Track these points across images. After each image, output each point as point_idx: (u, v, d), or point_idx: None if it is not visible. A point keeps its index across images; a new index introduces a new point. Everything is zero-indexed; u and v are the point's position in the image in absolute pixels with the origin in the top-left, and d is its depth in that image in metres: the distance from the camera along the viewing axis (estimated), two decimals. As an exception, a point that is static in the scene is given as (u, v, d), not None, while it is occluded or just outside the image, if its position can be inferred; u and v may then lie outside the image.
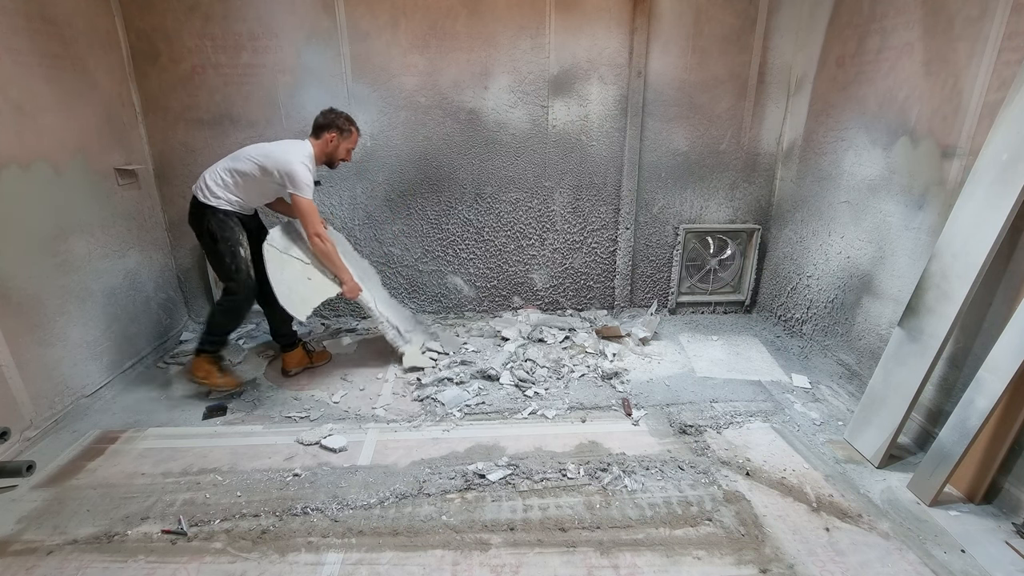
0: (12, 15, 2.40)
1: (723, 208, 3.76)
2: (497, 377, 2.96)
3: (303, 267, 2.81)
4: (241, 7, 3.13)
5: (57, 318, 2.59)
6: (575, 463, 2.27)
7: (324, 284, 2.84)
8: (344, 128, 2.75)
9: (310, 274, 2.82)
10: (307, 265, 2.83)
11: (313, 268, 2.84)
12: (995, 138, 1.96)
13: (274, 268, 2.69)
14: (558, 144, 3.56)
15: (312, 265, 2.85)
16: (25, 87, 2.45)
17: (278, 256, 2.74)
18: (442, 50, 3.31)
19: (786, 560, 1.78)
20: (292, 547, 1.85)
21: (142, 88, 3.24)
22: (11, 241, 2.36)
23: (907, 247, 2.53)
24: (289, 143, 2.72)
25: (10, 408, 2.33)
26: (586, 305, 3.96)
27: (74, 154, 2.74)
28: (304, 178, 2.61)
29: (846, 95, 2.94)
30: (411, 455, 2.34)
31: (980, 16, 2.13)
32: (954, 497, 2.07)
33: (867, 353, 2.80)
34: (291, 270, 2.76)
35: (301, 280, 2.78)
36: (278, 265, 2.71)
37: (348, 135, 2.77)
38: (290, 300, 2.66)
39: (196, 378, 2.77)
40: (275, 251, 2.75)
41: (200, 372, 2.75)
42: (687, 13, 3.32)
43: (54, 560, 1.80)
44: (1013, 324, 1.85)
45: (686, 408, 2.72)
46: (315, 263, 2.86)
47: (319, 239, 2.73)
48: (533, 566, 1.76)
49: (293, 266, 2.79)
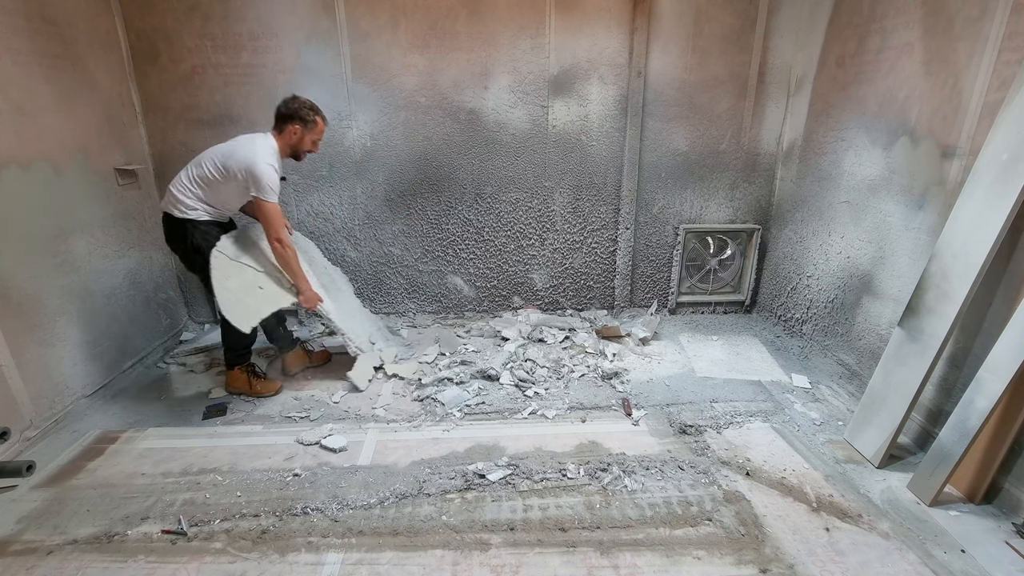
0: (12, 15, 2.40)
1: (723, 208, 3.76)
2: (497, 377, 2.96)
3: (255, 275, 2.68)
4: (241, 7, 3.13)
5: (57, 318, 2.59)
6: (575, 463, 2.27)
7: (277, 294, 2.70)
8: (308, 119, 2.59)
9: (262, 283, 2.68)
10: (259, 273, 2.70)
11: (266, 277, 2.71)
12: (995, 138, 1.96)
13: (220, 276, 2.54)
14: (558, 144, 3.56)
15: (265, 273, 2.72)
16: (25, 87, 2.45)
17: (226, 263, 2.60)
18: (442, 50, 3.31)
19: (786, 560, 1.78)
20: (292, 547, 1.85)
21: (142, 88, 3.25)
22: (11, 241, 2.36)
23: (907, 247, 2.53)
24: (250, 139, 2.57)
25: (10, 408, 2.33)
26: (586, 305, 3.96)
27: (74, 154, 2.74)
28: (268, 180, 2.48)
29: (846, 95, 2.94)
30: (411, 455, 2.34)
31: (980, 16, 2.13)
32: (954, 497, 2.07)
33: (867, 353, 2.79)
34: (240, 279, 2.62)
35: (250, 289, 2.63)
36: (225, 273, 2.57)
37: (313, 126, 2.61)
38: (234, 309, 2.53)
39: (235, 390, 2.83)
40: (224, 258, 2.60)
41: (238, 384, 2.82)
42: (687, 13, 3.32)
43: (54, 560, 1.80)
44: (1013, 324, 1.85)
45: (686, 408, 2.72)
46: (269, 271, 2.73)
47: (280, 245, 2.60)
48: (533, 566, 1.76)
49: (244, 274, 2.64)
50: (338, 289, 3.23)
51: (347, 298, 3.28)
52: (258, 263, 2.72)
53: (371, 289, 3.80)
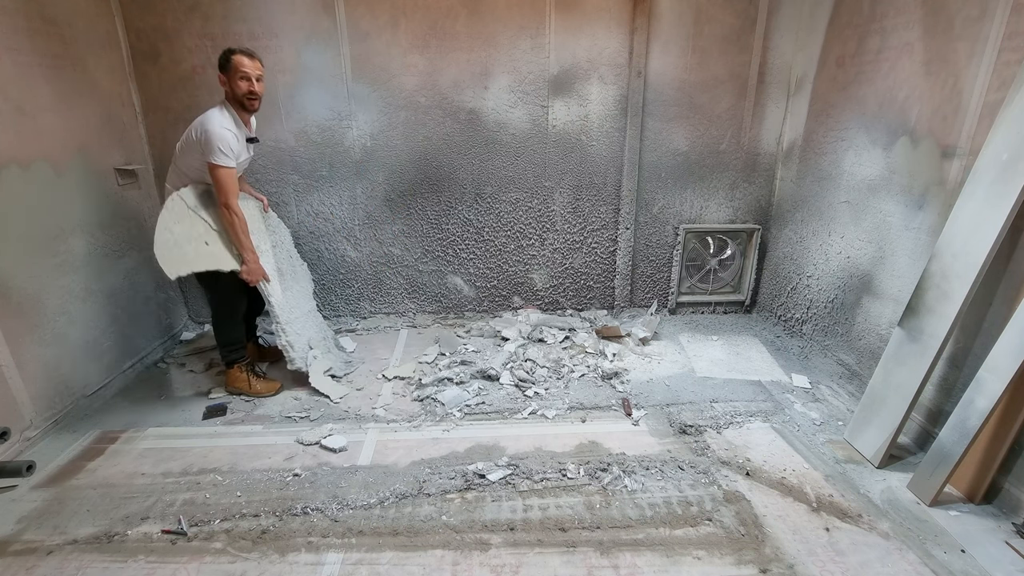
0: (12, 15, 2.40)
1: (723, 208, 3.76)
2: (497, 377, 2.96)
3: (206, 230, 2.61)
4: (241, 7, 3.13)
5: (57, 318, 2.59)
6: (575, 463, 2.27)
7: (221, 255, 2.61)
8: (225, 63, 2.48)
9: (210, 239, 2.61)
10: (212, 231, 2.62)
11: (218, 235, 2.64)
12: (995, 138, 1.96)
13: (168, 217, 2.51)
14: (558, 144, 3.56)
15: (219, 232, 2.64)
16: (25, 87, 2.45)
17: (183, 208, 2.56)
18: (442, 50, 3.31)
19: (786, 560, 1.78)
20: (292, 547, 1.85)
21: (142, 88, 3.24)
22: (11, 241, 2.36)
23: (907, 247, 2.53)
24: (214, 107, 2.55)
25: (10, 408, 2.33)
26: (586, 305, 3.96)
27: (74, 154, 2.74)
28: (219, 141, 2.41)
29: (846, 95, 2.94)
30: (411, 455, 2.34)
31: (980, 16, 2.13)
32: (954, 497, 2.07)
33: (867, 353, 2.80)
34: (188, 226, 2.56)
35: (195, 240, 2.57)
36: (175, 216, 2.53)
37: (228, 66, 2.47)
38: (168, 252, 2.48)
39: (235, 389, 2.83)
40: (181, 203, 2.56)
41: (238, 383, 2.83)
42: (687, 13, 3.32)
43: (54, 560, 1.80)
44: (1013, 324, 1.85)
45: (686, 408, 2.71)
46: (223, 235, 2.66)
47: (227, 210, 2.53)
48: (533, 566, 1.76)
49: (196, 225, 2.58)
50: (296, 282, 3.11)
51: (303, 296, 3.15)
52: (216, 221, 2.65)
53: (371, 289, 3.80)
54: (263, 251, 2.81)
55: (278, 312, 2.81)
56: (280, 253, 3.01)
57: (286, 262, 3.05)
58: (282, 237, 3.12)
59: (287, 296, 2.94)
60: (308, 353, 2.95)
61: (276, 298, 2.81)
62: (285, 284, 2.94)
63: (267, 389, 2.84)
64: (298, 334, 2.93)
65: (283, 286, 2.91)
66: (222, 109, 2.54)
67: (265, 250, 2.85)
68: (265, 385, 2.86)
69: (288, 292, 2.97)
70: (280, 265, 2.96)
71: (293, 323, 2.92)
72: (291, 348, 2.85)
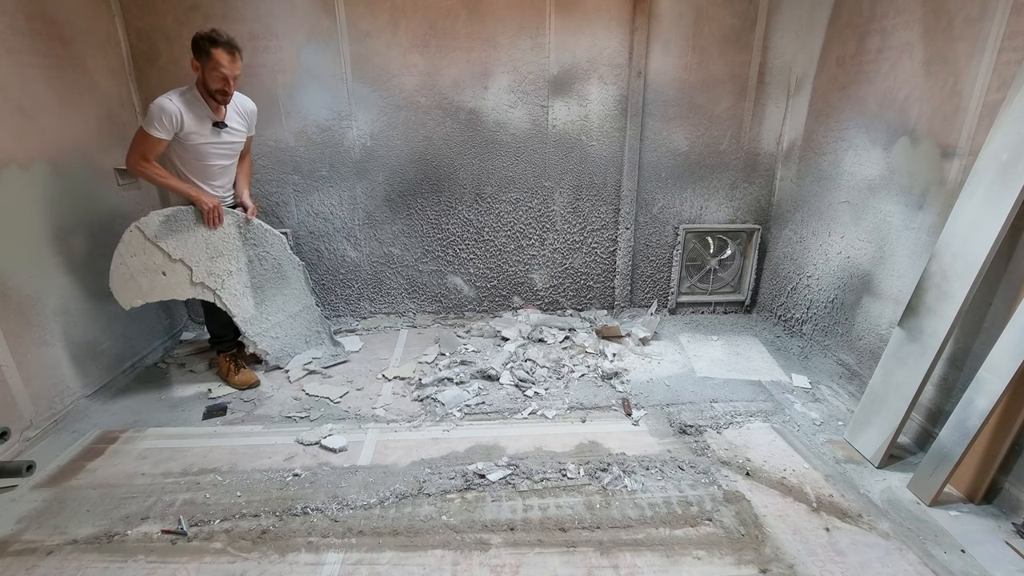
0: (12, 15, 2.40)
1: (723, 208, 3.76)
2: (497, 377, 2.96)
3: (164, 261, 2.65)
4: (241, 7, 3.13)
5: (57, 318, 2.59)
6: (575, 463, 2.27)
7: (177, 285, 2.70)
8: (202, 50, 2.38)
9: (168, 270, 2.67)
10: (172, 262, 2.66)
11: (177, 266, 2.68)
12: (995, 138, 1.96)
13: (124, 250, 2.56)
14: (558, 144, 3.56)
15: (180, 263, 2.68)
16: (25, 87, 2.45)
17: (140, 241, 2.59)
18: (442, 50, 3.31)
19: (786, 560, 1.78)
20: (292, 547, 1.85)
21: (142, 88, 3.24)
22: (11, 241, 2.36)
23: (907, 247, 2.53)
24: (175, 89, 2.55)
25: (10, 408, 2.33)
26: (586, 305, 3.96)
27: (74, 154, 2.74)
28: (154, 109, 2.37)
29: (846, 95, 2.94)
30: (411, 455, 2.34)
31: (980, 16, 2.13)
32: (954, 497, 2.07)
33: (867, 353, 2.79)
34: (146, 258, 2.61)
35: (150, 271, 2.63)
36: (132, 249, 2.57)
37: (207, 59, 2.38)
38: (123, 285, 2.57)
39: (221, 374, 3.02)
40: (139, 235, 2.58)
41: (223, 369, 3.01)
42: (687, 13, 3.32)
43: (54, 560, 1.80)
44: (1013, 324, 1.85)
45: (686, 408, 2.71)
46: (186, 258, 2.69)
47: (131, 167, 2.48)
48: (533, 566, 1.76)
49: (152, 256, 2.62)
50: (280, 290, 3.09)
51: (291, 299, 3.14)
52: (175, 250, 2.67)
53: (371, 289, 3.80)
54: (232, 272, 2.85)
55: (245, 327, 2.94)
56: (259, 267, 2.98)
57: (269, 273, 3.03)
58: (266, 248, 3.02)
59: (267, 306, 3.05)
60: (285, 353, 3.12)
61: (243, 314, 2.92)
62: (265, 295, 3.02)
63: (242, 382, 2.94)
64: (275, 338, 3.09)
65: (261, 298, 3.00)
66: (185, 92, 2.49)
67: (236, 269, 2.87)
68: (241, 377, 2.95)
69: (269, 302, 3.05)
70: (258, 280, 2.98)
71: (271, 330, 3.07)
72: (266, 353, 3.04)
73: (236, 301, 2.88)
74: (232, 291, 2.86)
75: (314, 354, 3.20)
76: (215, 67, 2.40)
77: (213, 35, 2.38)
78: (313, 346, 3.24)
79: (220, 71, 2.42)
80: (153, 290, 2.67)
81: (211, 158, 2.65)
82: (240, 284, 2.89)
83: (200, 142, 2.56)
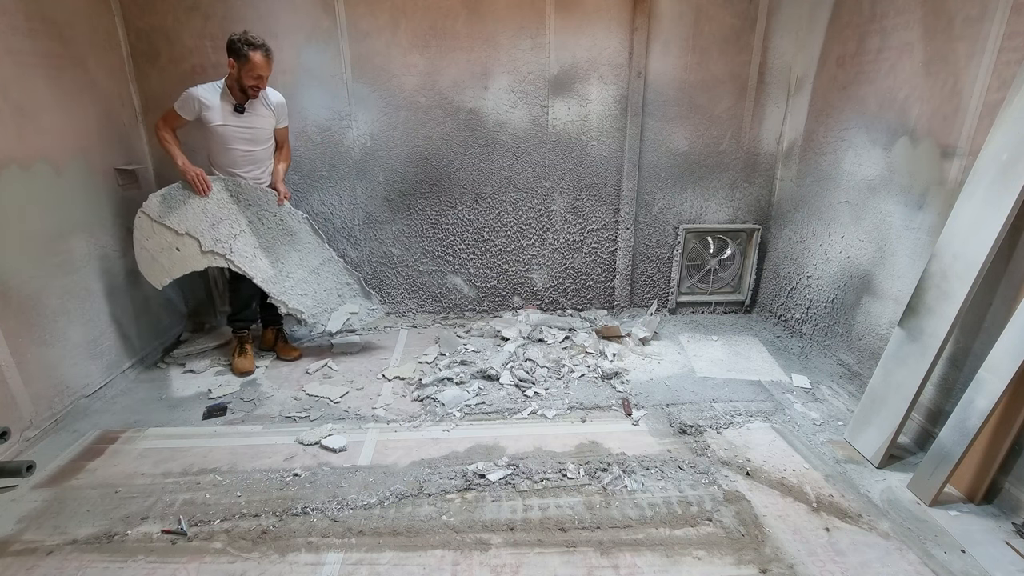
0: (12, 15, 2.40)
1: (723, 208, 3.76)
2: (497, 377, 2.96)
3: (174, 237, 2.84)
4: (241, 7, 3.13)
5: (57, 318, 2.59)
6: (575, 463, 2.27)
7: (192, 256, 2.87)
8: (241, 52, 2.61)
9: (180, 245, 2.84)
10: (180, 236, 2.84)
11: (186, 239, 2.84)
12: (995, 138, 1.96)
13: (140, 235, 2.80)
14: (558, 144, 3.56)
15: (186, 235, 2.84)
16: (25, 87, 2.45)
17: (148, 224, 2.81)
18: (442, 50, 3.31)
19: (786, 560, 1.78)
20: (292, 547, 1.85)
21: (142, 88, 3.24)
22: (11, 241, 2.36)
23: (907, 247, 2.53)
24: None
25: (10, 408, 2.33)
26: (586, 305, 3.96)
27: (74, 154, 2.73)
28: (184, 94, 2.69)
29: (846, 95, 2.94)
30: (411, 455, 2.34)
31: (980, 16, 2.13)
32: (954, 497, 2.07)
33: (867, 353, 2.79)
34: (158, 239, 2.82)
35: (166, 250, 2.83)
36: (145, 233, 2.81)
37: (245, 61, 2.62)
38: (149, 268, 2.82)
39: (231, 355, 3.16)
40: (146, 219, 2.80)
41: (231, 350, 3.15)
42: (687, 13, 3.32)
43: (54, 560, 1.80)
44: (1013, 324, 1.85)
45: (686, 408, 2.71)
46: (191, 231, 2.84)
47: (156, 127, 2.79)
48: (533, 566, 1.76)
49: (163, 235, 2.82)
50: (294, 246, 3.08)
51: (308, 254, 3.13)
52: (179, 225, 2.84)
53: (371, 289, 3.79)
54: (236, 235, 2.92)
55: (268, 287, 2.97)
56: (262, 226, 2.98)
57: (275, 231, 3.02)
58: (263, 207, 2.99)
59: (284, 264, 3.05)
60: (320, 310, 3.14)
61: (261, 275, 2.95)
62: (277, 254, 3.03)
63: (236, 368, 3.05)
64: (303, 295, 3.08)
65: (274, 257, 3.02)
66: (217, 84, 2.77)
67: (240, 232, 2.93)
68: (238, 363, 3.06)
69: (285, 259, 3.06)
70: (266, 240, 3.00)
71: (295, 287, 3.07)
72: (300, 312, 3.04)
73: (249, 263, 2.93)
74: (242, 253, 2.92)
75: (351, 309, 3.23)
76: (252, 68, 2.65)
77: (251, 39, 2.63)
78: (348, 300, 3.26)
79: (256, 72, 2.68)
80: (174, 266, 2.86)
81: (233, 142, 2.81)
82: (249, 246, 2.94)
83: (218, 123, 2.75)
